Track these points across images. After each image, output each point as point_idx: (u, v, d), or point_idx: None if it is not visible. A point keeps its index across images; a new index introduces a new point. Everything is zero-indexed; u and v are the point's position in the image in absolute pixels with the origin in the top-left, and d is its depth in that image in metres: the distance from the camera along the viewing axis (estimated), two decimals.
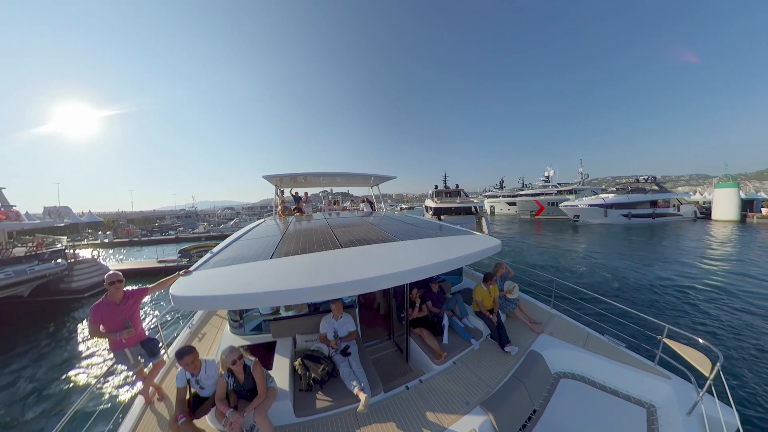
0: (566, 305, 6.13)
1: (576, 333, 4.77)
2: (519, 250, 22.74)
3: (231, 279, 3.34)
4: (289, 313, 4.92)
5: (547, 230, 34.94)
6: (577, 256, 19.47)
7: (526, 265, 17.26)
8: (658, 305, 10.30)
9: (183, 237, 38.35)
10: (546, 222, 44.64)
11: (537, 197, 52.09)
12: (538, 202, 51.54)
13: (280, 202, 10.29)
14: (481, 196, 72.20)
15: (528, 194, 54.56)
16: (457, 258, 3.95)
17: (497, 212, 61.20)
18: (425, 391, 3.62)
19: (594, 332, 4.74)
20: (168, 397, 3.73)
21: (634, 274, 14.33)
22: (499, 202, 60.76)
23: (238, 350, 3.11)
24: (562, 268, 16.46)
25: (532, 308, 5.65)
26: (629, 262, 16.87)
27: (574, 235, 30.47)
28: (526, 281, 8.88)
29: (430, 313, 5.03)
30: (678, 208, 39.74)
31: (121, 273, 3.63)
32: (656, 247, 21.83)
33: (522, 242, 26.50)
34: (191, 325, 5.75)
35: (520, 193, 57.03)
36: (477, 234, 5.45)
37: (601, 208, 38.42)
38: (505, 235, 32.62)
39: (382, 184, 12.31)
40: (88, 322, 3.39)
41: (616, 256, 19.08)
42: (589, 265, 16.77)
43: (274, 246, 4.68)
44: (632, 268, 15.53)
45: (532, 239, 28.67)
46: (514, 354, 4.28)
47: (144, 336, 3.77)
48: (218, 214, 61.00)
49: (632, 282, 12.95)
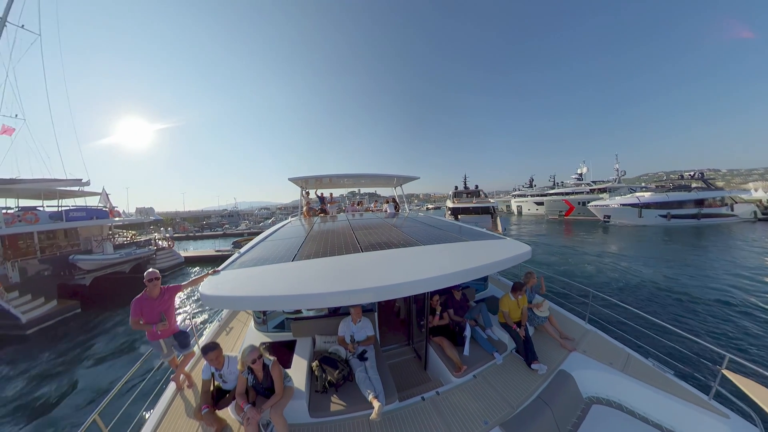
0: (604, 320, 5.59)
1: (614, 353, 4.31)
2: (544, 254, 21.02)
3: (255, 280, 3.48)
4: (310, 313, 5.02)
5: (576, 232, 32.11)
6: (610, 262, 17.57)
7: (556, 271, 16.01)
8: (714, 327, 8.89)
9: (229, 233, 43.56)
10: (575, 223, 41.40)
11: (567, 196, 48.24)
12: (568, 201, 47.84)
13: (305, 203, 10.61)
14: (508, 196, 69.40)
15: (557, 193, 50.71)
16: (483, 266, 3.76)
17: (525, 212, 57.54)
18: (441, 404, 3.48)
19: (636, 354, 4.25)
20: (196, 386, 3.98)
21: (682, 286, 12.52)
22: (527, 202, 56.97)
23: (258, 350, 3.22)
24: (594, 276, 15.01)
25: (563, 322, 5.21)
26: (674, 271, 14.87)
27: (604, 237, 27.81)
28: (556, 290, 8.25)
29: (452, 321, 4.86)
30: (731, 207, 34.21)
31: (158, 271, 3.93)
32: (705, 253, 18.83)
33: (548, 245, 24.53)
34: (220, 319, 6.10)
35: (549, 192, 52.86)
36: (506, 239, 5.18)
37: (635, 208, 34.55)
38: (529, 236, 30.83)
39: (408, 184, 12.21)
40: (130, 314, 3.72)
41: (655, 262, 16.90)
42: (625, 273, 15.06)
43: (297, 248, 4.80)
44: (678, 279, 13.59)
45: (559, 241, 26.53)
46: (542, 373, 3.96)
47: (177, 329, 4.07)
48: (255, 214, 66.67)
49: (680, 296, 11.34)
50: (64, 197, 19.07)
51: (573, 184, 51.70)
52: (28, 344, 10.48)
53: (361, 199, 18.32)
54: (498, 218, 27.01)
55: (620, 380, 3.80)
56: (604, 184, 47.00)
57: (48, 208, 17.11)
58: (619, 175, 47.41)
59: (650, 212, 34.11)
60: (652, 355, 4.29)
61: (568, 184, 53.32)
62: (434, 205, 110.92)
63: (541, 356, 4.20)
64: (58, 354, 9.46)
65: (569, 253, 21.08)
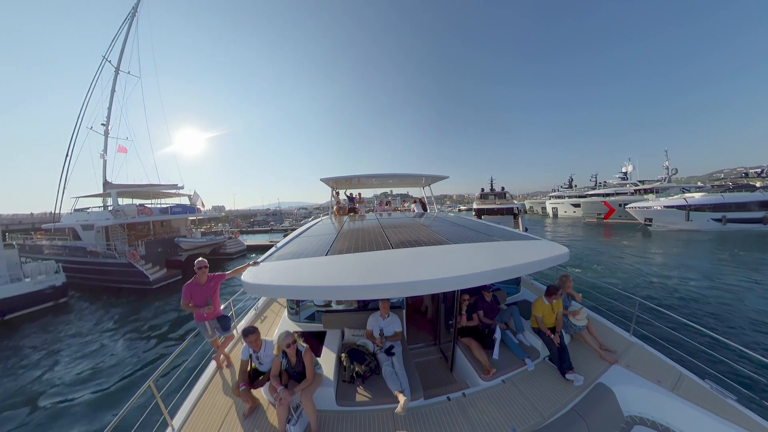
0: (652, 333, 5.11)
1: (663, 370, 3.92)
2: (575, 258, 19.10)
3: (291, 271, 3.70)
4: (340, 306, 5.19)
5: (613, 236, 29.56)
6: (654, 270, 15.71)
7: (595, 276, 14.79)
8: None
9: (275, 229, 49.76)
10: (615, 227, 37.45)
11: (608, 198, 44.37)
12: (607, 203, 43.74)
13: (335, 202, 10.92)
14: (544, 197, 65.45)
15: (597, 194, 46.94)
16: (515, 266, 3.65)
17: (561, 215, 53.45)
18: (467, 406, 3.42)
19: (689, 373, 3.83)
20: (233, 365, 4.29)
21: (747, 300, 10.89)
22: (563, 204, 52.81)
23: (292, 336, 3.41)
24: (634, 282, 13.63)
25: (604, 332, 4.85)
26: (737, 283, 12.98)
27: (645, 242, 25.03)
28: (594, 296, 7.59)
29: (481, 323, 4.75)
30: None
31: (206, 260, 4.32)
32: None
33: (581, 250, 22.56)
34: (257, 307, 6.51)
35: (588, 193, 49.08)
36: (540, 240, 4.95)
37: (682, 211, 30.53)
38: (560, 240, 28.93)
39: (441, 184, 12.06)
40: (181, 297, 4.14)
41: (710, 271, 14.87)
42: (673, 282, 13.46)
43: (330, 244, 4.99)
44: (743, 292, 11.82)
45: (594, 246, 24.33)
46: (578, 384, 3.72)
47: (220, 313, 4.44)
48: (295, 213, 73.14)
49: (743, 313, 9.90)
50: (163, 197, 25.83)
51: (616, 184, 47.52)
52: (153, 295, 15.81)
53: (390, 199, 18.44)
54: (520, 219, 26.98)
55: (670, 401, 3.44)
56: (652, 183, 42.69)
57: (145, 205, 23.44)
58: (669, 173, 42.16)
59: (701, 215, 29.86)
60: (709, 376, 3.86)
61: (611, 184, 48.94)
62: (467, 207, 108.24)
63: (577, 366, 3.95)
64: (174, 302, 14.28)
65: (603, 258, 19.31)
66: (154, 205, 23.76)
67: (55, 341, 10.54)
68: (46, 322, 12.52)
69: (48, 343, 10.43)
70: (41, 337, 10.97)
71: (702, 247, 22.18)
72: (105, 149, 23.02)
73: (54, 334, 11.27)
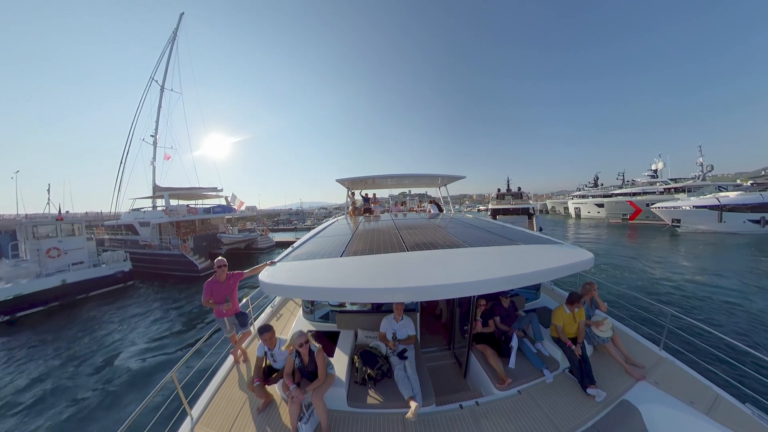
0: (686, 349, 4.75)
1: (697, 390, 3.62)
2: (600, 263, 17.84)
3: (306, 272, 3.76)
4: (354, 307, 5.21)
5: (639, 238, 27.83)
6: (683, 277, 14.46)
7: (620, 283, 13.92)
8: None
9: (299, 227, 53.02)
10: (641, 228, 35.49)
11: (634, 197, 41.65)
12: (633, 203, 41.02)
13: (351, 203, 11.01)
14: (567, 197, 62.91)
15: (623, 193, 44.12)
16: (535, 272, 3.51)
17: (584, 215, 51.09)
18: (481, 415, 3.32)
19: (727, 395, 3.52)
20: (250, 361, 4.42)
21: None
22: (586, 204, 50.27)
23: (306, 335, 3.46)
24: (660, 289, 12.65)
25: (631, 345, 4.55)
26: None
27: (672, 245, 23.04)
28: (621, 305, 7.13)
29: (498, 330, 4.61)
30: None
31: (225, 259, 4.48)
32: None
33: (605, 253, 21.13)
34: (273, 305, 6.67)
35: (613, 193, 46.16)
36: (563, 243, 4.73)
37: (713, 211, 28.11)
38: (580, 242, 27.15)
39: (460, 183, 11.87)
40: (202, 294, 4.31)
41: (754, 281, 13.41)
42: (707, 291, 12.32)
43: (345, 245, 5.01)
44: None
45: (617, 250, 22.62)
46: (600, 400, 3.51)
47: (238, 310, 4.59)
48: (315, 213, 76.26)
49: None
50: (204, 198, 29.93)
51: (645, 182, 44.43)
52: (200, 281, 17.29)
53: (405, 200, 18.41)
54: (534, 219, 27.57)
55: (704, 426, 3.16)
56: (684, 182, 39.34)
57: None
58: (703, 170, 38.69)
59: (736, 216, 27.28)
60: (751, 400, 3.54)
61: (640, 182, 45.64)
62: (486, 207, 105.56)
63: (599, 381, 3.74)
64: None
65: (626, 263, 18.04)
66: (198, 205, 28.04)
67: (124, 315, 12.97)
68: (117, 300, 15.35)
69: (119, 316, 12.89)
70: (114, 312, 13.52)
71: (738, 252, 20.25)
72: (154, 157, 27.11)
73: (123, 309, 13.81)
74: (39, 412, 6.69)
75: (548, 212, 69.50)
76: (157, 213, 23.83)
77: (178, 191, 26.60)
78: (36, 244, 15.41)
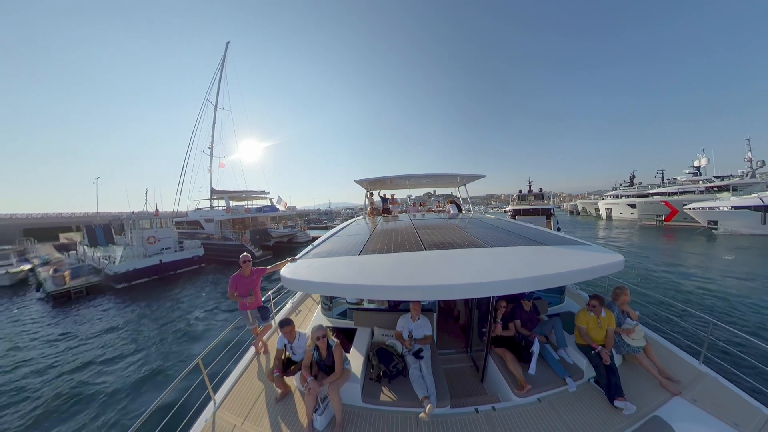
0: (729, 363, 4.33)
1: (742, 411, 3.28)
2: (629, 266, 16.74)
3: (325, 269, 3.85)
4: (371, 306, 5.24)
5: (675, 241, 26.19)
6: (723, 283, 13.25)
7: (655, 288, 12.99)
8: None
9: (328, 226, 56.44)
10: (677, 230, 33.46)
11: (671, 197, 38.83)
12: (669, 203, 38.03)
13: (369, 203, 11.08)
14: (599, 197, 59.72)
15: (659, 193, 41.05)
16: (559, 274, 3.34)
17: (615, 216, 48.64)
18: (497, 421, 3.23)
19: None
20: (270, 353, 4.59)
21: None
22: (618, 204, 47.50)
23: (325, 329, 3.55)
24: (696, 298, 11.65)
25: (666, 357, 4.22)
26: None
27: (708, 249, 21.26)
28: (656, 313, 6.56)
29: (518, 334, 4.46)
30: None
31: (250, 255, 4.71)
32: None
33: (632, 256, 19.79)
34: (293, 301, 6.88)
35: (649, 192, 43.04)
36: (590, 245, 4.49)
37: (757, 212, 26.02)
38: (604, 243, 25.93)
39: (486, 183, 11.63)
40: (228, 287, 4.56)
41: None
42: (753, 302, 11.11)
43: (363, 243, 5.07)
44: None
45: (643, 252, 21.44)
46: (628, 413, 3.28)
47: (261, 303, 4.79)
48: (342, 213, 79.88)
49: None
50: (253, 199, 36.48)
51: (687, 180, 41.39)
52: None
53: (423, 200, 18.34)
54: (551, 219, 27.16)
55: None
56: (730, 179, 35.75)
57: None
58: (753, 167, 34.74)
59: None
60: None
61: (681, 181, 42.70)
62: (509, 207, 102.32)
63: (628, 393, 3.49)
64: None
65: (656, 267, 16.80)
66: (251, 205, 35.05)
67: (199, 290, 17.42)
68: (193, 278, 20.61)
69: (196, 290, 17.39)
70: (192, 287, 18.35)
71: None
72: (210, 166, 33.48)
73: (198, 285, 18.63)
74: (146, 341, 10.60)
75: (579, 213, 66.51)
76: (219, 212, 30.81)
77: (233, 194, 33.38)
78: (140, 233, 21.45)
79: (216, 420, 3.39)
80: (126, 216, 23.92)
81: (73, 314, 14.24)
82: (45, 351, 10.22)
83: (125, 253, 19.34)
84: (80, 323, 12.95)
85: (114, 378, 8.20)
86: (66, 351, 10.13)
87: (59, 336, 11.51)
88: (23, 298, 17.74)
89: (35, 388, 7.92)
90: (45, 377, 8.50)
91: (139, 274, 18.90)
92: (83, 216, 48.35)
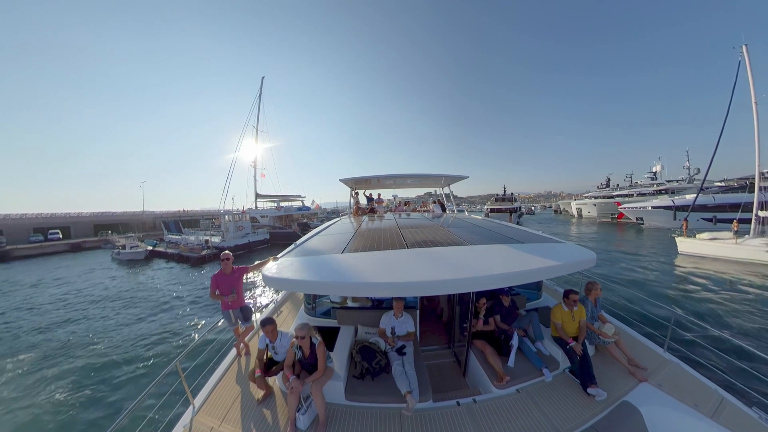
0: (690, 351, 4.64)
1: (701, 393, 3.55)
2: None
3: (307, 267, 3.82)
4: (355, 304, 5.25)
5: (616, 233, 33.04)
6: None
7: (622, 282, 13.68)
8: None
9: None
10: (626, 225, 40.91)
11: (626, 198, 47.54)
12: (620, 203, 45.59)
13: (355, 202, 11.07)
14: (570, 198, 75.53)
15: (619, 195, 50.57)
16: (536, 270, 3.49)
17: (585, 215, 57.90)
18: (478, 413, 3.32)
19: (733, 399, 3.44)
20: (252, 354, 4.51)
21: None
22: (587, 204, 57.21)
23: (308, 327, 3.52)
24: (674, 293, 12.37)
25: (634, 346, 4.49)
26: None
27: (636, 238, 27.80)
28: (623, 305, 6.95)
29: (497, 328, 4.60)
30: None
31: (231, 253, 4.60)
32: None
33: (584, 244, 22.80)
34: (276, 301, 6.78)
35: (614, 194, 52.46)
36: (566, 243, 4.70)
37: (668, 211, 34.21)
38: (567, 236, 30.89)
39: (467, 185, 11.89)
40: (210, 286, 4.45)
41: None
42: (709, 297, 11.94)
43: (346, 242, 5.08)
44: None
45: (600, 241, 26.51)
46: (600, 399, 3.48)
47: (243, 303, 4.70)
48: (347, 212, 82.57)
49: None
50: (290, 201, 47.36)
51: (646, 184, 51.48)
52: None
53: (408, 200, 18.49)
54: (511, 215, 39.54)
55: (708, 429, 3.08)
56: (670, 184, 45.68)
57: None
58: (690, 174, 45.63)
59: (690, 216, 28.54)
60: (757, 404, 3.45)
61: (642, 184, 52.58)
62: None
63: (600, 381, 3.69)
64: None
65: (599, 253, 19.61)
66: (291, 204, 46.82)
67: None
68: (264, 252, 29.62)
69: (270, 254, 17.76)
70: (268, 253, 21.84)
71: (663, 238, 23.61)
72: (255, 176, 42.78)
73: (270, 254, 21.96)
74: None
75: (560, 212, 76.60)
76: (271, 210, 42.25)
77: (275, 198, 45.53)
78: (234, 223, 31.31)
79: (193, 425, 3.31)
80: (223, 211, 35.87)
81: (208, 271, 20.73)
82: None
83: (229, 235, 29.69)
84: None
85: None
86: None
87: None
88: (159, 265, 24.48)
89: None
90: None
91: (238, 249, 27.70)
92: (132, 214, 60.90)
